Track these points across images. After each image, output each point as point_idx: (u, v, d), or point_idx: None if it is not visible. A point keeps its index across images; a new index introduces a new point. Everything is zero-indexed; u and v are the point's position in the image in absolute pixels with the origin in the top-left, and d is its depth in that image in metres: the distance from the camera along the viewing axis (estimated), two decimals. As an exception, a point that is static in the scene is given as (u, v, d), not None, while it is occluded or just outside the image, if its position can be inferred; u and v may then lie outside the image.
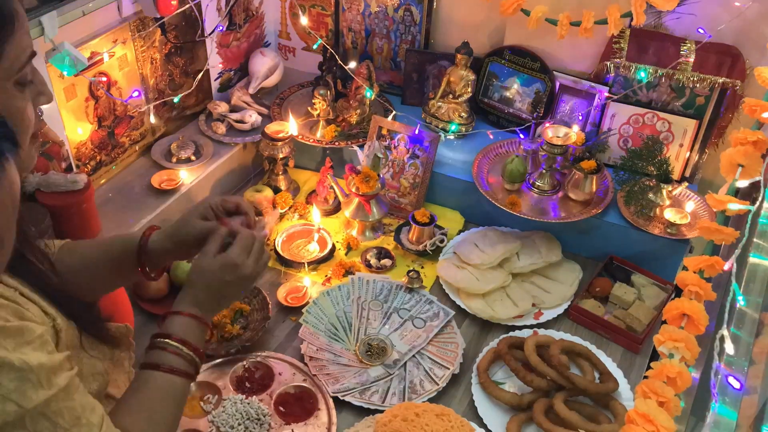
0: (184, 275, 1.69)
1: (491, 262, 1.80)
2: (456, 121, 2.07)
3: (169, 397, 1.06)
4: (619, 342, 1.68)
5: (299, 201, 2.05)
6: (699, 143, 1.90)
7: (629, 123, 1.94)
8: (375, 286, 1.78)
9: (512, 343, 1.60)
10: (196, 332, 1.10)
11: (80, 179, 1.55)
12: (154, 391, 1.04)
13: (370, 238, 1.96)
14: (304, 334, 1.64)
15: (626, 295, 1.75)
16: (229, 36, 2.15)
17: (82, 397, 0.90)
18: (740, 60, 1.80)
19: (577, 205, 1.89)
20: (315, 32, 2.26)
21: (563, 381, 1.50)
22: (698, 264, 1.28)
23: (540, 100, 2.05)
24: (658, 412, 1.02)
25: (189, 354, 1.08)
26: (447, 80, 2.07)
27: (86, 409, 0.89)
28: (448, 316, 1.70)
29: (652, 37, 1.87)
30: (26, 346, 0.83)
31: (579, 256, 1.92)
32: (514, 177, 1.90)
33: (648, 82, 1.87)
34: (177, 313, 1.10)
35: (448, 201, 2.05)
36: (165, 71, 1.95)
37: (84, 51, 1.62)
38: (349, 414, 1.50)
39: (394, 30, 2.19)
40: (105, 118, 1.80)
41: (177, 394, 1.07)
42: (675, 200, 1.87)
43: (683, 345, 1.13)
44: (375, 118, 2.03)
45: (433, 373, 1.58)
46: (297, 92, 2.27)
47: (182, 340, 1.07)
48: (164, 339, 1.07)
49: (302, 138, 2.07)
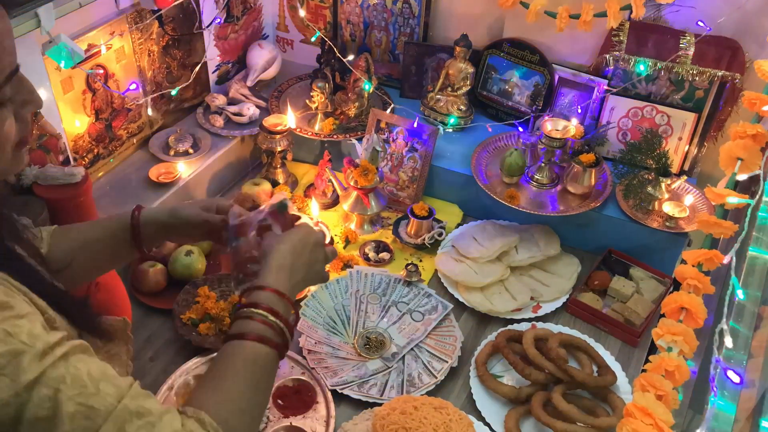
0: (184, 269, 1.70)
1: (490, 256, 1.80)
2: (455, 114, 2.06)
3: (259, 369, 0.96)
4: (618, 335, 1.69)
5: (297, 194, 2.04)
6: (698, 136, 1.89)
7: (628, 116, 1.94)
8: (373, 279, 1.78)
9: (510, 336, 1.60)
10: (281, 307, 1.02)
11: (78, 172, 1.55)
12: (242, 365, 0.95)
13: (369, 231, 1.96)
14: (302, 327, 1.64)
15: (625, 289, 1.75)
16: (227, 28, 2.14)
17: (89, 364, 0.81)
18: (740, 53, 1.80)
19: (576, 198, 1.89)
20: (313, 24, 2.25)
21: (561, 374, 1.50)
22: (697, 257, 1.28)
23: (539, 93, 2.04)
24: (657, 406, 1.02)
25: (277, 323, 0.99)
26: (446, 73, 2.06)
27: (95, 377, 0.80)
28: (446, 310, 1.70)
29: (651, 30, 1.87)
30: (18, 319, 0.77)
31: (577, 249, 1.91)
32: (513, 170, 1.90)
33: (647, 75, 1.87)
34: (260, 288, 1.03)
35: (447, 194, 2.04)
36: (162, 64, 1.94)
37: (81, 43, 1.62)
38: (348, 407, 1.50)
39: (393, 22, 2.19)
40: (102, 111, 1.79)
41: (267, 367, 0.98)
42: (674, 194, 1.87)
43: (682, 338, 1.13)
44: (373, 111, 2.03)
45: (431, 366, 1.58)
46: (295, 85, 2.26)
47: (270, 309, 1.00)
48: (250, 308, 1.00)
49: (300, 131, 2.07)
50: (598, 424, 1.40)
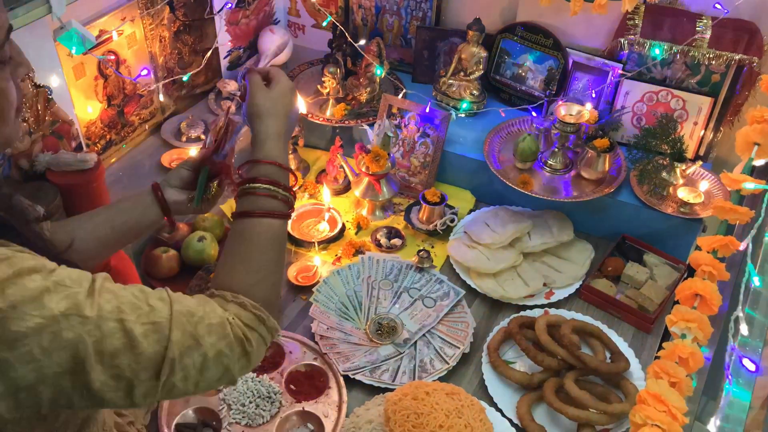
0: (196, 255, 1.71)
1: (502, 242, 1.79)
2: (467, 99, 2.05)
3: (270, 241, 1.04)
4: (631, 322, 1.68)
5: (309, 180, 2.04)
6: (714, 121, 1.87)
7: (643, 101, 1.92)
8: (385, 265, 1.78)
9: (523, 322, 1.60)
10: (281, 176, 1.09)
11: (90, 158, 1.55)
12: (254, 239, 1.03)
13: (380, 217, 1.96)
14: (314, 313, 1.64)
15: (638, 275, 1.74)
16: (239, 13, 2.13)
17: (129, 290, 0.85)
18: (758, 36, 1.77)
19: (590, 184, 1.87)
20: (324, 9, 2.23)
21: (574, 360, 1.49)
22: (712, 243, 1.27)
23: (553, 77, 2.02)
24: (670, 393, 1.01)
25: (281, 193, 1.06)
26: (458, 57, 2.04)
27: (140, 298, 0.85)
28: (458, 296, 1.70)
29: (667, 13, 1.84)
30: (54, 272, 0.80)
31: (591, 235, 1.90)
32: (526, 156, 1.89)
33: (662, 59, 1.84)
34: (256, 161, 1.09)
35: (459, 180, 2.03)
36: (174, 49, 1.94)
37: (92, 29, 1.61)
38: (360, 392, 1.50)
39: (405, 6, 2.17)
40: (114, 97, 1.79)
41: (278, 237, 1.05)
42: (689, 179, 1.85)
43: (696, 325, 1.12)
44: (385, 97, 2.02)
45: (443, 352, 1.58)
46: (306, 70, 2.25)
47: (272, 181, 1.06)
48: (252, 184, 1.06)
49: (312, 117, 2.06)
50: (611, 411, 1.40)
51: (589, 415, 1.40)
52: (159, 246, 1.73)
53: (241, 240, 1.03)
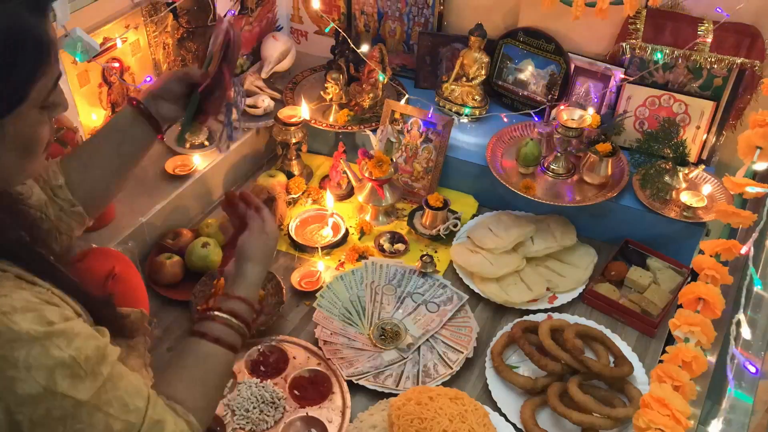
0: (200, 261, 1.71)
1: (505, 247, 1.79)
2: (469, 105, 2.05)
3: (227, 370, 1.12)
4: (634, 326, 1.68)
5: (312, 186, 2.05)
6: (716, 125, 1.87)
7: (645, 105, 1.92)
8: (388, 270, 1.78)
9: (526, 327, 1.60)
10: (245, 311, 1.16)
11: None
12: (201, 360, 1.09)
13: (384, 222, 1.96)
14: (318, 318, 1.64)
15: (642, 279, 1.74)
16: (241, 20, 2.14)
17: (126, 382, 0.92)
18: (759, 40, 1.77)
19: (592, 188, 1.88)
20: (327, 16, 2.24)
21: (578, 365, 1.49)
22: (715, 247, 1.27)
23: (555, 82, 2.03)
24: (674, 397, 1.01)
25: (238, 325, 1.13)
26: (460, 63, 2.05)
27: (131, 394, 0.92)
28: (461, 301, 1.70)
29: (668, 18, 1.84)
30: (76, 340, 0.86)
31: (594, 239, 1.90)
32: (529, 160, 1.89)
33: (664, 64, 1.85)
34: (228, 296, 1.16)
35: (462, 185, 2.04)
36: (177, 56, 1.95)
37: (96, 37, 1.63)
38: (363, 397, 1.50)
39: (407, 12, 2.18)
40: (118, 104, 1.80)
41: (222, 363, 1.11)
42: (691, 183, 1.85)
43: (699, 329, 1.13)
44: (388, 102, 2.02)
45: (446, 357, 1.58)
46: (309, 76, 2.26)
47: (233, 312, 1.13)
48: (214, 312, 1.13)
49: (315, 122, 2.07)
50: (615, 415, 1.40)
51: (593, 419, 1.40)
52: (163, 252, 1.74)
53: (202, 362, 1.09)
